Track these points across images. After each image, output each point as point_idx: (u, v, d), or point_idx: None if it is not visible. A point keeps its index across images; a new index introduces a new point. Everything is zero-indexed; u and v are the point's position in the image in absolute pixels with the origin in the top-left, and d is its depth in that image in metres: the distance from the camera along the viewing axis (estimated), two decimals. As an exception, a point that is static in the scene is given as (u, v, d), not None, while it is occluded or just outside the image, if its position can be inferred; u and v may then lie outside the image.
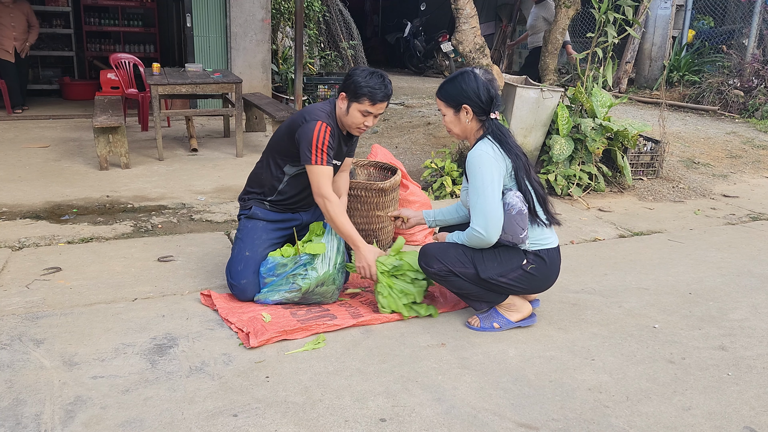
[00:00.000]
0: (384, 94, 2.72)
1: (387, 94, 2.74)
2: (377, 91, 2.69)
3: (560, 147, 4.70)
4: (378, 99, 2.70)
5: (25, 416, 1.96)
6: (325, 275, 2.68)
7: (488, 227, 2.41)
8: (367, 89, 2.68)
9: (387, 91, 2.74)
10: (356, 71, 2.75)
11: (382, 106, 2.76)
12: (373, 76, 2.72)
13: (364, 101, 2.69)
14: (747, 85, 8.14)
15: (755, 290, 3.19)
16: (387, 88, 2.74)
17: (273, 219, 2.92)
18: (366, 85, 2.68)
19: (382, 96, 2.71)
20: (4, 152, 5.57)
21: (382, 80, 2.73)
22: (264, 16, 7.75)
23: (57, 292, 2.84)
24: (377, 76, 2.73)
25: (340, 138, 2.86)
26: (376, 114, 2.76)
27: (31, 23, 7.47)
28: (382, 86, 2.71)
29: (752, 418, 2.10)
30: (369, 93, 2.68)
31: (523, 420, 2.04)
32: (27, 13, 7.40)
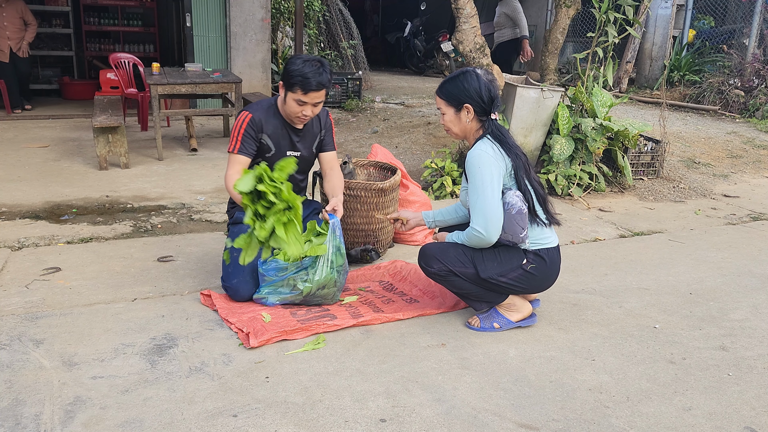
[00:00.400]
0: (317, 82, 2.62)
1: (321, 82, 2.63)
2: (309, 79, 2.60)
3: (561, 147, 4.69)
4: (311, 87, 2.62)
5: (24, 416, 1.96)
6: (327, 278, 2.67)
7: (488, 227, 2.41)
8: (299, 78, 2.60)
9: (321, 79, 2.63)
10: (293, 59, 2.67)
11: (317, 95, 2.67)
12: (307, 64, 2.62)
13: (296, 90, 2.64)
14: (747, 85, 8.14)
15: (756, 290, 3.19)
16: (321, 75, 2.63)
17: None
18: (299, 74, 2.60)
19: (316, 84, 2.62)
20: (4, 152, 5.56)
21: (317, 68, 2.63)
22: (264, 15, 7.74)
23: (56, 292, 2.84)
24: (312, 63, 2.64)
25: (287, 129, 2.83)
26: (314, 103, 2.68)
27: (27, 21, 7.38)
28: (315, 74, 2.61)
29: (753, 418, 2.10)
30: (300, 81, 2.61)
31: (524, 420, 2.04)
32: (22, 12, 7.31)
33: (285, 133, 2.85)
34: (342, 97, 8.35)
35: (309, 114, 2.73)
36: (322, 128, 2.98)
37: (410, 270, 3.14)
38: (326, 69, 2.68)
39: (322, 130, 2.98)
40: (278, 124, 2.83)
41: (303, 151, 2.93)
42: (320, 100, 2.71)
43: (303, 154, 2.93)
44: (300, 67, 2.63)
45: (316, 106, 2.72)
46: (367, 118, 7.66)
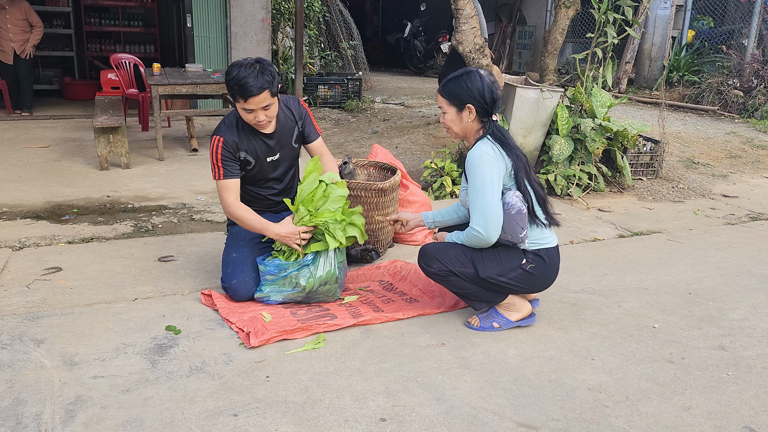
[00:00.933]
0: (257, 86, 2.49)
1: (260, 86, 2.50)
2: (245, 86, 2.48)
3: (560, 147, 4.70)
4: (251, 93, 2.50)
5: (25, 416, 1.96)
6: (328, 275, 2.68)
7: (488, 227, 2.42)
8: (236, 86, 2.51)
9: (259, 82, 2.49)
10: (230, 67, 2.56)
11: (262, 99, 2.53)
12: (242, 69, 2.50)
13: (238, 99, 2.56)
14: (746, 85, 8.15)
15: (755, 290, 3.20)
16: (259, 78, 2.49)
17: None
18: (235, 82, 2.51)
19: (257, 89, 2.49)
20: (5, 152, 5.57)
21: (254, 71, 2.50)
22: (264, 16, 7.75)
23: (57, 292, 2.84)
24: (248, 67, 2.51)
25: (259, 137, 2.75)
26: (262, 108, 2.57)
27: (32, 23, 7.28)
28: (252, 78, 2.48)
29: (752, 417, 2.10)
30: (239, 90, 2.51)
31: (523, 420, 2.05)
32: (26, 14, 7.22)
33: (259, 142, 2.77)
34: (342, 98, 8.36)
35: (263, 119, 2.62)
36: (297, 120, 2.87)
37: (410, 270, 3.15)
38: (266, 69, 2.54)
39: (298, 121, 2.87)
40: (250, 137, 2.75)
41: (282, 151, 2.86)
42: (268, 103, 2.58)
43: (283, 152, 2.86)
44: (236, 74, 2.50)
45: (267, 109, 2.60)
46: (367, 119, 7.67)
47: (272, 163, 2.87)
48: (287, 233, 2.66)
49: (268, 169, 2.87)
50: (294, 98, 2.93)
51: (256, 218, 2.74)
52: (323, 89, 8.24)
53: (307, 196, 2.69)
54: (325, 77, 8.45)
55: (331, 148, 6.17)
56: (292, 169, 3.01)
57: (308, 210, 2.68)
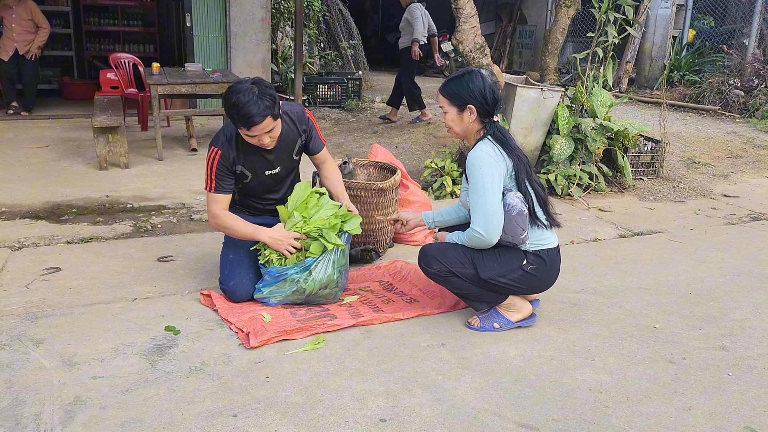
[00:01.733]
0: (259, 114, 2.42)
1: (261, 113, 2.42)
2: (247, 116, 2.42)
3: (560, 147, 4.69)
4: (254, 123, 2.44)
5: (24, 416, 1.96)
6: (329, 278, 2.67)
7: (488, 228, 2.41)
8: (237, 116, 2.45)
9: (259, 109, 2.41)
10: (228, 92, 2.48)
11: (264, 126, 2.47)
12: (241, 95, 2.41)
13: (240, 127, 2.50)
14: (747, 85, 8.14)
15: (756, 290, 3.19)
16: (259, 105, 2.41)
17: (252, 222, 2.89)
18: (235, 112, 2.44)
19: (259, 117, 2.43)
20: (4, 152, 5.56)
21: (252, 97, 2.41)
22: (264, 15, 7.74)
23: (56, 292, 2.84)
24: (246, 93, 2.42)
25: (258, 151, 2.69)
26: (266, 132, 2.51)
27: (38, 24, 7.18)
28: (253, 105, 2.41)
29: (753, 418, 2.10)
30: (239, 119, 2.46)
31: (524, 420, 2.04)
32: (32, 14, 7.11)
33: (259, 155, 2.71)
34: (342, 97, 8.36)
35: (266, 141, 2.57)
36: (301, 133, 2.81)
37: (410, 270, 3.14)
38: (265, 93, 2.46)
39: (302, 134, 2.81)
40: (249, 150, 2.68)
41: (281, 164, 2.80)
42: (271, 127, 2.52)
43: (283, 165, 2.81)
44: (235, 101, 2.43)
45: (270, 132, 2.55)
46: (367, 118, 7.66)
47: (271, 176, 2.82)
48: (279, 237, 2.64)
49: (267, 182, 2.83)
50: (299, 108, 2.82)
51: (245, 224, 2.72)
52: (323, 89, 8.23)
53: (301, 203, 2.68)
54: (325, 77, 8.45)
55: (331, 147, 6.16)
56: (291, 179, 2.96)
57: (302, 216, 2.67)
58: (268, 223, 2.94)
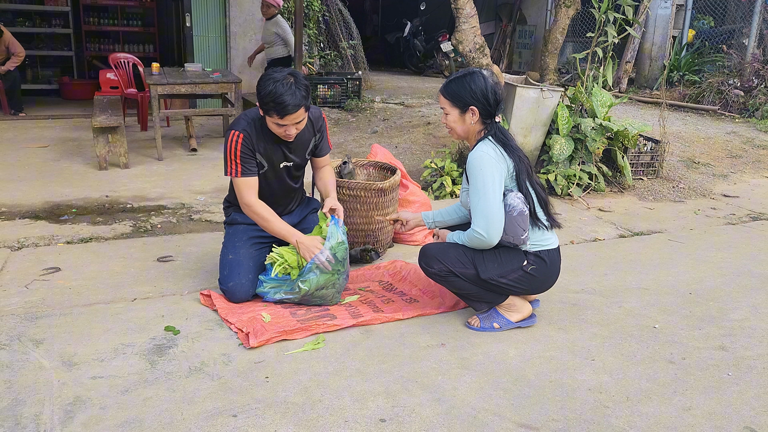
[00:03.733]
0: (294, 104, 2.47)
1: (297, 103, 2.47)
2: (283, 104, 2.46)
3: (560, 147, 4.69)
4: (288, 111, 2.48)
5: (24, 416, 1.96)
6: (327, 280, 2.67)
7: (489, 229, 2.41)
8: (272, 103, 2.47)
9: (296, 100, 2.47)
10: (264, 80, 2.50)
11: (297, 116, 2.52)
12: (279, 84, 2.45)
13: (272, 115, 2.52)
14: (747, 85, 8.14)
15: (755, 290, 3.19)
16: (296, 95, 2.47)
17: (253, 222, 2.89)
18: (271, 99, 2.47)
19: (293, 107, 2.47)
20: (3, 152, 5.56)
21: (290, 87, 2.46)
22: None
23: (56, 292, 2.84)
24: (284, 83, 2.46)
25: (277, 142, 2.72)
26: (294, 123, 2.55)
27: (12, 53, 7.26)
28: (290, 96, 2.45)
29: (752, 418, 2.10)
30: (275, 107, 2.48)
31: (523, 420, 2.04)
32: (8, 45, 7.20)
33: (276, 146, 2.74)
34: (342, 97, 8.35)
35: (293, 132, 2.61)
36: (316, 132, 2.85)
37: (410, 270, 3.14)
38: (301, 85, 2.51)
39: (316, 134, 2.85)
40: (268, 139, 2.71)
41: (296, 159, 2.84)
42: (302, 118, 2.57)
43: (296, 161, 2.85)
44: (272, 89, 2.47)
45: (299, 123, 2.59)
46: (366, 118, 7.66)
47: (285, 169, 2.84)
48: (311, 245, 2.66)
49: (281, 174, 2.84)
50: (317, 110, 2.87)
51: (280, 222, 2.72)
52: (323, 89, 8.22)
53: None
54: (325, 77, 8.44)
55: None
56: (301, 179, 2.99)
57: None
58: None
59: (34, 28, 9.19)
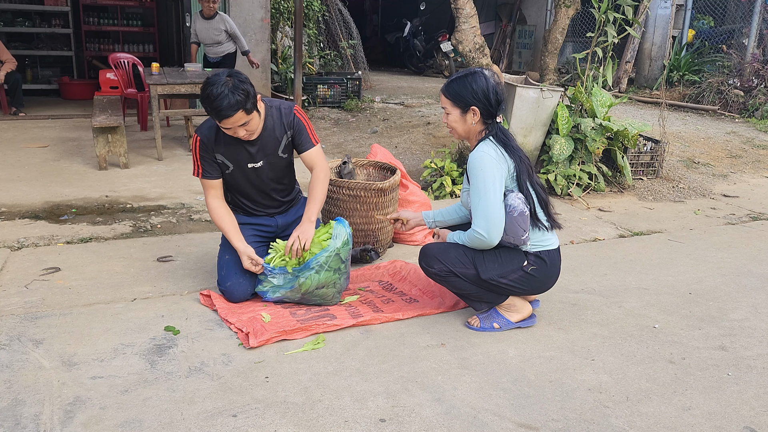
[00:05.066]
0: (228, 105, 2.42)
1: (231, 104, 2.42)
2: (217, 109, 2.44)
3: (560, 147, 4.69)
4: (224, 115, 2.45)
5: (24, 416, 1.96)
6: (326, 279, 2.67)
7: (490, 229, 2.41)
8: (209, 108, 2.48)
9: (230, 101, 2.42)
10: (204, 84, 2.50)
11: (236, 119, 2.48)
12: (214, 88, 2.43)
13: (213, 119, 2.54)
14: (747, 85, 8.14)
15: (755, 290, 3.19)
16: (230, 98, 2.41)
17: (248, 222, 2.91)
18: (207, 104, 2.47)
19: (230, 110, 2.43)
20: (3, 152, 5.56)
21: (224, 88, 2.42)
22: (263, 15, 7.74)
23: (56, 293, 2.84)
24: (219, 86, 2.43)
25: (240, 143, 2.68)
26: (240, 125, 2.52)
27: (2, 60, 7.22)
28: (222, 98, 2.41)
29: (752, 418, 2.10)
30: (212, 111, 2.48)
31: (523, 420, 2.04)
32: None
33: (240, 147, 2.70)
34: (341, 97, 8.36)
35: (243, 134, 2.57)
36: (287, 129, 2.76)
37: (410, 270, 3.14)
38: (239, 87, 2.45)
39: (287, 131, 2.76)
40: (230, 140, 2.68)
41: (265, 159, 2.76)
42: (244, 121, 2.52)
43: (267, 161, 2.77)
44: (207, 93, 2.45)
45: (246, 125, 2.55)
46: (366, 118, 7.66)
47: (254, 170, 2.78)
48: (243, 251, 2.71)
49: (251, 175, 2.79)
50: (289, 106, 2.78)
51: (235, 234, 2.75)
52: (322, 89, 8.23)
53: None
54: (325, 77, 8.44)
55: (331, 147, 6.16)
56: (279, 183, 2.90)
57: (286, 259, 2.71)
58: (265, 223, 2.94)
59: (34, 28, 9.19)
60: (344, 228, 2.72)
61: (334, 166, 3.65)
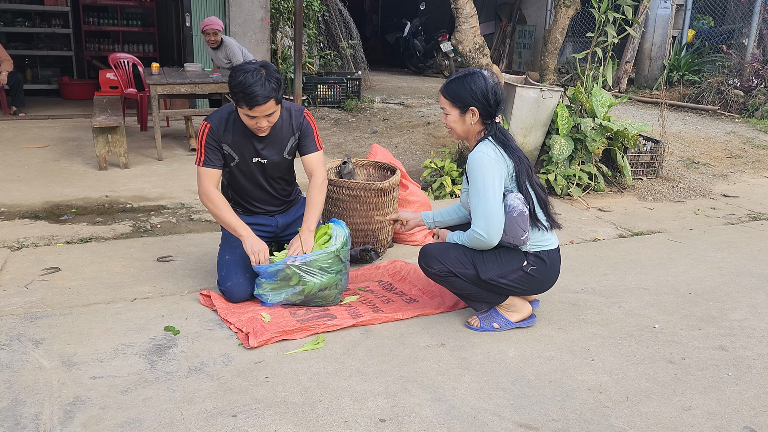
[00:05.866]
0: (263, 95, 2.47)
1: (266, 95, 2.48)
2: (252, 95, 2.46)
3: (560, 147, 4.69)
4: (257, 102, 2.48)
5: (24, 416, 1.96)
6: (329, 280, 2.67)
7: (489, 229, 2.41)
8: (241, 93, 2.48)
9: (265, 91, 2.47)
10: (235, 71, 2.52)
11: (267, 108, 2.52)
12: (249, 75, 2.47)
13: (242, 106, 2.53)
14: (747, 85, 8.14)
15: (755, 290, 3.19)
16: (265, 87, 2.47)
17: (247, 222, 2.87)
18: (240, 89, 2.48)
19: (262, 98, 2.47)
20: (3, 152, 5.56)
21: (260, 78, 2.47)
22: (263, 15, 7.74)
23: (56, 293, 2.84)
24: (254, 74, 2.48)
25: (248, 137, 2.72)
26: (265, 116, 2.56)
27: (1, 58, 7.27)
28: (259, 86, 2.46)
29: (752, 418, 2.10)
30: (243, 97, 2.49)
31: (523, 420, 2.04)
32: None
33: (247, 141, 2.73)
34: (341, 97, 8.35)
35: (264, 125, 2.61)
36: (294, 131, 2.80)
37: (410, 270, 3.14)
38: (272, 76, 2.51)
39: (295, 133, 2.80)
40: (239, 132, 2.71)
41: (270, 158, 2.79)
42: (272, 111, 2.57)
43: (271, 160, 2.79)
44: (241, 80, 2.47)
45: (270, 116, 2.59)
46: (366, 118, 7.66)
47: (258, 165, 2.80)
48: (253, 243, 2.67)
49: (255, 170, 2.81)
50: (299, 108, 2.83)
51: (231, 214, 2.73)
52: (322, 89, 8.23)
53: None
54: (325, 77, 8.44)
55: (331, 147, 6.16)
56: (280, 182, 2.92)
57: None
58: (262, 222, 2.94)
59: (34, 28, 9.19)
60: (342, 229, 2.75)
61: (334, 166, 3.65)
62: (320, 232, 2.79)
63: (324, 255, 2.65)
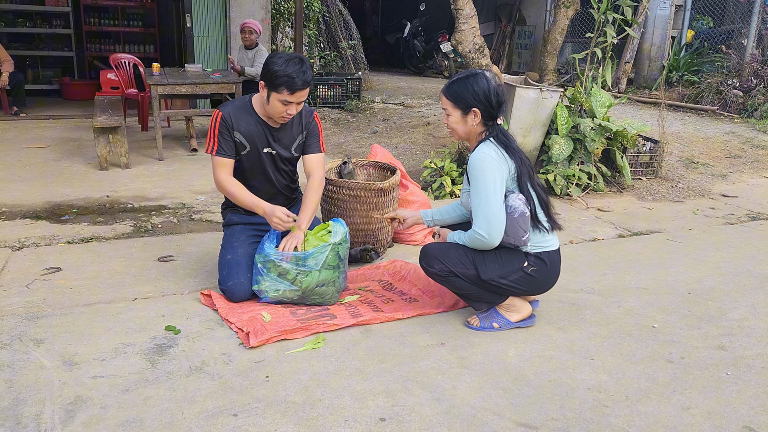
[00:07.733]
0: (303, 81, 2.63)
1: (306, 80, 2.64)
2: (295, 79, 2.60)
3: (559, 147, 4.70)
4: (297, 87, 2.63)
5: (25, 416, 1.96)
6: (326, 276, 2.68)
7: (491, 230, 2.41)
8: (285, 78, 2.60)
9: (306, 78, 2.64)
10: (273, 58, 2.66)
11: (303, 94, 2.67)
12: (290, 63, 2.62)
13: (282, 91, 2.63)
14: (746, 85, 8.15)
15: (754, 290, 3.20)
16: (305, 74, 2.64)
17: (249, 222, 2.94)
18: (283, 74, 2.60)
19: (302, 83, 2.63)
20: (4, 152, 5.57)
21: (300, 66, 2.63)
22: (264, 16, 7.75)
23: (57, 292, 2.84)
24: (295, 62, 2.63)
25: (261, 126, 2.81)
26: (298, 102, 2.69)
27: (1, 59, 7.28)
28: (300, 73, 2.61)
29: (751, 417, 2.11)
30: (286, 82, 2.61)
31: (523, 419, 2.05)
32: None
33: (260, 130, 2.81)
34: (342, 98, 8.36)
35: (292, 113, 2.72)
36: (303, 130, 2.91)
37: (409, 269, 3.15)
38: (308, 66, 2.68)
39: (303, 131, 2.90)
40: (252, 122, 2.80)
41: (279, 150, 2.87)
42: (304, 99, 2.72)
43: (279, 152, 2.88)
44: (283, 67, 2.61)
45: (300, 104, 2.73)
46: (366, 119, 7.66)
47: (269, 155, 2.87)
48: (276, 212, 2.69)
49: (265, 159, 2.87)
50: (309, 109, 2.94)
51: (248, 194, 2.79)
52: (323, 89, 8.23)
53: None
54: (325, 77, 8.45)
55: (331, 148, 6.17)
56: (285, 175, 2.98)
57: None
58: (265, 222, 2.94)
59: (35, 28, 9.20)
60: (342, 227, 2.76)
61: (334, 166, 3.66)
62: (321, 228, 2.81)
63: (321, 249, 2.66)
